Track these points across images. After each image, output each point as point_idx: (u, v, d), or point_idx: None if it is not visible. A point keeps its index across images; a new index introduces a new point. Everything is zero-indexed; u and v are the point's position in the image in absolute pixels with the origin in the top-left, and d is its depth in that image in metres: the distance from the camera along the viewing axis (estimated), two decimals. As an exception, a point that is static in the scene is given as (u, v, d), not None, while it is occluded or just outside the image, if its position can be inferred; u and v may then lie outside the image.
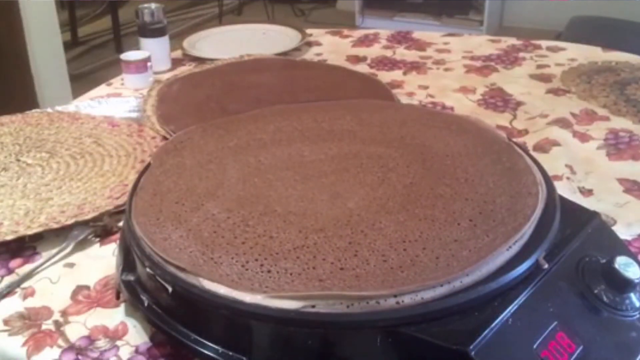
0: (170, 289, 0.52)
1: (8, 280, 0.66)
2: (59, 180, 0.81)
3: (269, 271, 0.51)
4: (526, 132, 0.95)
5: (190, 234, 0.56)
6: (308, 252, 0.53)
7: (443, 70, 1.21)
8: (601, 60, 1.22)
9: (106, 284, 0.65)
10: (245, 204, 0.60)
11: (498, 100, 1.07)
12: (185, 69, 1.23)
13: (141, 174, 0.68)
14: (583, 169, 0.85)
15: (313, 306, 0.48)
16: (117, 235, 0.69)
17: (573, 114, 1.00)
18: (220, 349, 0.51)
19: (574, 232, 0.57)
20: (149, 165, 0.69)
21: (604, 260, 0.54)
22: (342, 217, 0.58)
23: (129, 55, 1.14)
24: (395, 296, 0.48)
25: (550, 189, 0.61)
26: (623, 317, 0.52)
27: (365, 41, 1.39)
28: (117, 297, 0.62)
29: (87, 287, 0.65)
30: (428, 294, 0.48)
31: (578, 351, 0.49)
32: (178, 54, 1.30)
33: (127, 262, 0.59)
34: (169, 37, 1.24)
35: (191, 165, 0.68)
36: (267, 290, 0.49)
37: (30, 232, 0.69)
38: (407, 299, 0.48)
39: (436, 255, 0.52)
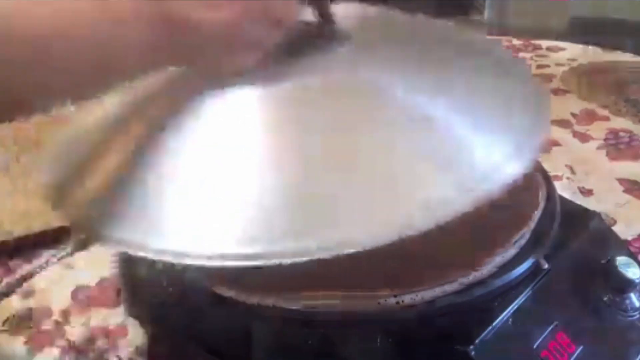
0: (170, 289, 0.52)
1: (8, 280, 0.66)
2: (59, 180, 0.80)
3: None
4: (526, 132, 0.95)
5: (190, 233, 0.56)
6: (308, 252, 0.53)
7: (443, 70, 1.20)
8: (601, 60, 1.22)
9: (106, 284, 0.65)
10: (245, 204, 0.60)
11: (498, 100, 1.06)
12: (185, 69, 1.22)
13: (141, 174, 0.68)
14: (583, 169, 0.85)
15: (313, 306, 0.48)
16: (117, 235, 0.69)
17: (573, 114, 1.00)
18: (221, 349, 0.51)
19: (574, 232, 0.57)
20: (149, 165, 0.69)
21: (604, 260, 0.54)
22: (342, 217, 0.57)
23: (129, 55, 1.14)
24: (395, 296, 0.48)
25: (550, 189, 0.61)
26: (623, 317, 0.52)
27: (365, 41, 1.39)
28: (117, 297, 0.62)
29: (87, 287, 0.65)
30: (428, 294, 0.48)
31: (578, 351, 0.49)
32: (178, 54, 1.30)
33: (127, 262, 0.59)
34: (169, 37, 1.23)
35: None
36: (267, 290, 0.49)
37: (30, 232, 0.69)
38: (407, 299, 0.48)
39: (436, 255, 0.52)
